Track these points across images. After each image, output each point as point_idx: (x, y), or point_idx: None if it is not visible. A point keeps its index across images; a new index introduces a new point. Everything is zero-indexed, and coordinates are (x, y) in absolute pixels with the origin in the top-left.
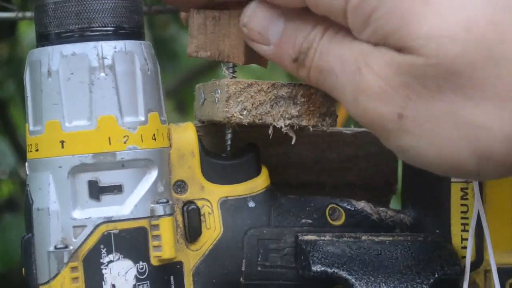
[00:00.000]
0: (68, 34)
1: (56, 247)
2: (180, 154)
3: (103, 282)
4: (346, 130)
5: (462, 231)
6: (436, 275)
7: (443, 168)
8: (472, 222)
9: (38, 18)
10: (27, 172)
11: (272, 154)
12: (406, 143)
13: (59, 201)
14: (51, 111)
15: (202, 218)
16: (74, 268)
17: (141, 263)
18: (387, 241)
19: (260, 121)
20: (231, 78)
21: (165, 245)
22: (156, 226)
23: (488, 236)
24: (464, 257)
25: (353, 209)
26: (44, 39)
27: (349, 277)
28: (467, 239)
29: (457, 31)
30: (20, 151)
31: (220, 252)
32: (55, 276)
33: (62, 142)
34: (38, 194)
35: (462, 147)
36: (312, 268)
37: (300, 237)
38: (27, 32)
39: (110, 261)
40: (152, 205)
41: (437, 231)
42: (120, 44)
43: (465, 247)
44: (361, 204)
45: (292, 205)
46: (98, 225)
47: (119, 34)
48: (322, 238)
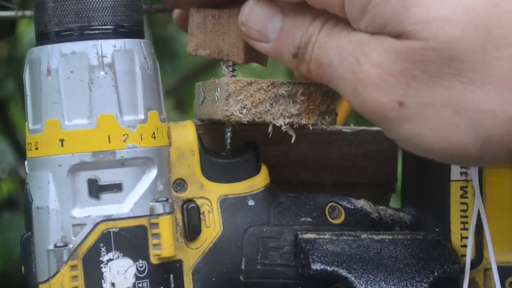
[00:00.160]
0: (68, 32)
1: (55, 246)
2: (179, 153)
3: (103, 281)
4: (346, 129)
5: (461, 229)
6: (435, 274)
7: (446, 154)
8: (472, 221)
9: (37, 17)
10: (27, 171)
11: (271, 153)
12: (408, 131)
13: (58, 199)
14: (50, 109)
15: (201, 216)
16: (73, 267)
17: (140, 261)
18: (386, 240)
19: (259, 119)
20: (231, 76)
21: (164, 244)
22: (155, 225)
23: (488, 235)
24: (463, 256)
25: (352, 207)
26: (43, 37)
27: (348, 275)
28: (466, 238)
29: (456, 14)
30: (20, 150)
31: (220, 250)
32: (55, 275)
33: (61, 141)
34: (37, 192)
35: (464, 132)
36: (312, 266)
37: (300, 236)
38: (27, 30)
39: (110, 260)
40: (151, 203)
41: (437, 230)
42: (119, 43)
43: (465, 246)
44: (361, 203)
45: (291, 204)
46: (97, 224)
47: (118, 32)
48: (322, 236)
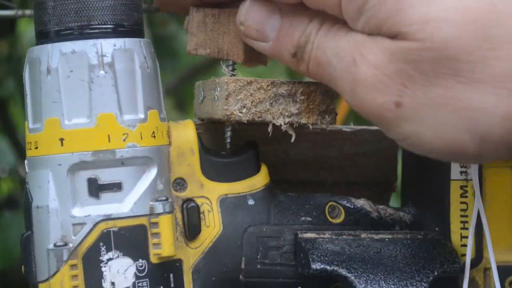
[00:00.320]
0: (68, 31)
1: (55, 245)
2: (179, 152)
3: (103, 280)
4: (346, 128)
5: (461, 229)
6: (435, 273)
7: (445, 153)
8: (472, 220)
9: (37, 16)
10: (27, 170)
11: (271, 152)
12: (406, 131)
13: (58, 198)
14: (50, 108)
15: (201, 215)
16: (73, 266)
17: (140, 260)
18: (386, 239)
19: (259, 119)
20: (231, 76)
21: (164, 243)
22: (155, 224)
23: (488, 234)
24: (463, 255)
25: (352, 207)
26: (43, 37)
27: (348, 274)
28: (466, 237)
29: (453, 14)
30: (20, 149)
31: (220, 249)
32: (55, 274)
33: (61, 140)
34: (37, 191)
35: (462, 131)
36: (312, 266)
37: (300, 235)
38: (27, 30)
39: (110, 259)
40: (151, 202)
41: (437, 229)
42: (119, 42)
43: (465, 245)
44: (361, 202)
45: (291, 203)
46: (97, 223)
47: (118, 32)
48: (322, 236)
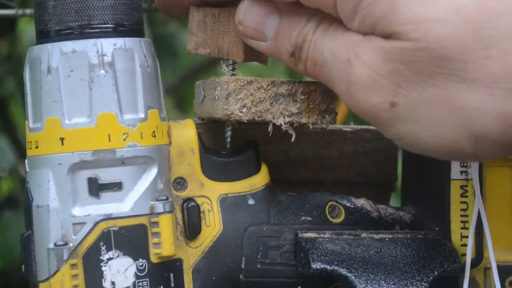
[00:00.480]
0: (68, 31)
1: (55, 244)
2: (179, 151)
3: (103, 279)
4: (346, 128)
5: (462, 228)
6: (435, 273)
7: (441, 152)
8: (472, 220)
9: (38, 15)
10: (27, 169)
11: (271, 152)
12: (402, 131)
13: (58, 198)
14: (51, 108)
15: (201, 215)
16: (73, 265)
17: (140, 260)
18: (386, 239)
19: (259, 118)
20: (231, 75)
21: (164, 242)
22: (155, 223)
23: (488, 234)
24: (463, 255)
25: (352, 206)
26: (44, 36)
27: (348, 274)
28: (466, 237)
29: (446, 14)
30: (20, 149)
31: (220, 249)
32: (55, 273)
33: (62, 139)
34: (37, 191)
35: (457, 131)
36: (312, 265)
37: (300, 235)
38: (27, 29)
39: (110, 258)
40: (151, 202)
41: (437, 229)
42: (120, 42)
43: (465, 245)
44: (361, 202)
45: (291, 203)
46: (97, 222)
47: (119, 31)
48: (322, 235)
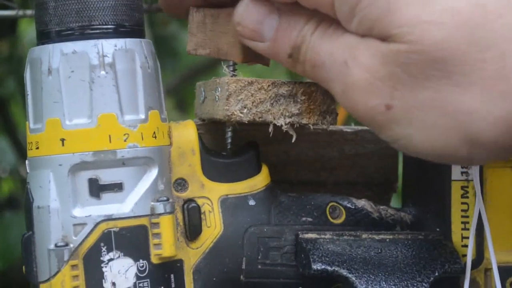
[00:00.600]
0: (69, 32)
1: (56, 245)
2: (180, 152)
3: (103, 280)
4: (347, 128)
5: (462, 229)
6: (436, 273)
7: (434, 155)
8: (473, 221)
9: (38, 16)
10: (28, 170)
11: (272, 152)
12: (397, 133)
13: (59, 199)
14: (51, 109)
15: (202, 216)
16: (74, 266)
17: (141, 261)
18: (387, 239)
19: (260, 119)
20: (232, 76)
21: (165, 243)
22: (156, 224)
23: (489, 235)
24: (464, 256)
25: (353, 207)
26: (44, 37)
27: (349, 275)
28: (467, 238)
29: (441, 17)
30: (21, 149)
31: (221, 250)
32: (56, 274)
33: (62, 140)
34: (38, 192)
35: (451, 134)
36: (313, 266)
37: (301, 235)
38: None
39: (111, 259)
40: (152, 203)
41: (438, 230)
42: (120, 42)
43: (466, 246)
44: (362, 202)
45: (292, 203)
46: (98, 223)
47: (119, 32)
48: (323, 236)
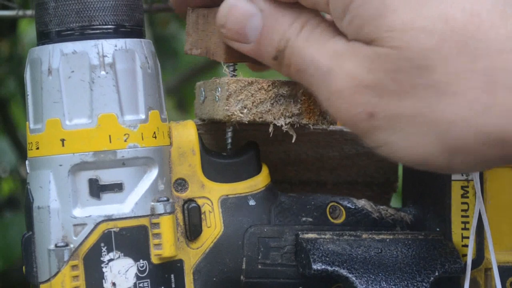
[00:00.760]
0: (69, 32)
1: (56, 245)
2: (180, 152)
3: (104, 280)
4: (347, 128)
5: (462, 229)
6: (436, 273)
7: (416, 162)
8: (473, 221)
9: (38, 16)
10: (28, 170)
11: (272, 152)
12: (379, 139)
13: (59, 199)
14: (51, 109)
15: (202, 216)
16: (74, 266)
17: (141, 261)
18: (387, 239)
19: (260, 119)
20: (232, 76)
21: (165, 243)
22: (156, 225)
23: (489, 235)
24: (464, 255)
25: (353, 207)
26: (44, 37)
27: (349, 275)
28: (467, 237)
29: (433, 24)
30: (21, 149)
31: (221, 250)
32: (56, 274)
33: (62, 140)
34: (38, 192)
35: (431, 142)
36: (313, 266)
37: (301, 235)
38: (28, 30)
39: (111, 259)
40: (152, 203)
41: (438, 229)
42: (120, 42)
43: (466, 245)
44: (362, 202)
45: (292, 203)
46: (98, 223)
47: (119, 32)
48: (323, 236)
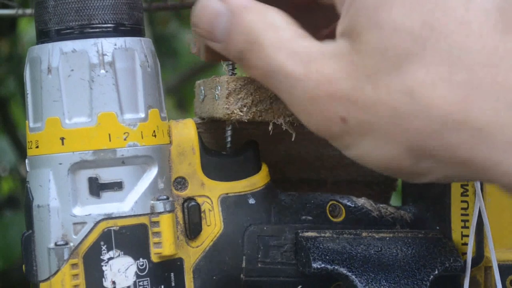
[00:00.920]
0: (68, 31)
1: (56, 244)
2: (180, 151)
3: (103, 279)
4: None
5: (462, 227)
6: (436, 272)
7: (381, 168)
8: (473, 219)
9: (38, 15)
10: (28, 169)
11: (272, 151)
12: (349, 143)
13: (59, 198)
14: (51, 108)
15: (202, 214)
16: (74, 265)
17: (141, 259)
18: (387, 238)
19: (260, 118)
20: (231, 75)
21: (165, 242)
22: (156, 223)
23: (489, 233)
24: (464, 254)
25: (353, 205)
26: (44, 36)
27: (349, 273)
28: (467, 236)
29: (421, 29)
30: (20, 148)
31: (221, 248)
32: (56, 273)
33: (62, 139)
34: (38, 191)
35: (397, 148)
36: (313, 264)
37: (301, 234)
38: (27, 29)
39: (111, 258)
40: (152, 202)
41: (438, 228)
42: (120, 41)
43: (466, 244)
44: (361, 201)
45: (292, 202)
46: (98, 222)
47: (119, 31)
48: (322, 234)
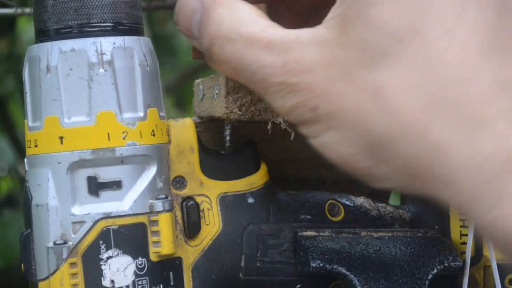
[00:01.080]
0: (67, 30)
1: (55, 243)
2: (179, 150)
3: (102, 278)
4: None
5: (461, 227)
6: (435, 271)
7: (340, 163)
8: None
9: (37, 14)
10: (26, 168)
11: (271, 150)
12: (315, 132)
13: (58, 197)
14: (50, 107)
15: (201, 214)
16: (73, 264)
17: (140, 259)
18: (386, 237)
19: (259, 117)
20: None
21: (164, 241)
22: (155, 222)
23: None
24: (463, 253)
25: (352, 205)
26: (43, 35)
27: (348, 272)
28: (466, 235)
29: (405, 32)
30: (19, 148)
31: (219, 248)
32: (54, 272)
33: (61, 138)
34: (37, 190)
35: (358, 146)
36: (311, 264)
37: (299, 233)
38: (26, 28)
39: (109, 257)
40: (151, 201)
41: (436, 227)
42: (119, 40)
43: (464, 243)
44: (360, 200)
45: (291, 201)
46: (97, 221)
47: (118, 30)
48: (321, 234)
